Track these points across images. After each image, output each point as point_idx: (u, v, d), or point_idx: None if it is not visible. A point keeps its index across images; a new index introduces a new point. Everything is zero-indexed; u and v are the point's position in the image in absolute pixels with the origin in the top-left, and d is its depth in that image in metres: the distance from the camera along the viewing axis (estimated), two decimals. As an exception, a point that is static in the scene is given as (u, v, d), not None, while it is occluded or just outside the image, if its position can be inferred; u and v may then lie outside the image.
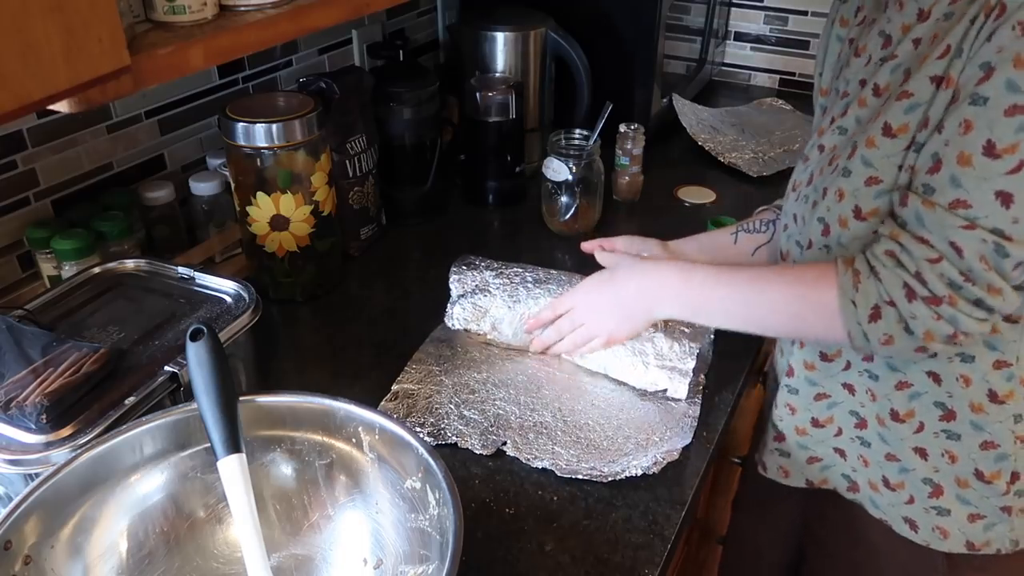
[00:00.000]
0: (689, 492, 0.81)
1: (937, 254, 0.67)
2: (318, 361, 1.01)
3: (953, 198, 0.65)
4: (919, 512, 0.83)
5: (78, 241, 0.94)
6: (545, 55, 1.37)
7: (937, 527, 0.83)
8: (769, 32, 1.82)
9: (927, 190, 0.68)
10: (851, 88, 0.79)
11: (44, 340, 0.75)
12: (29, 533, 0.60)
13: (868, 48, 0.77)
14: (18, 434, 0.69)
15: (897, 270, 0.69)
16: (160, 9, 0.67)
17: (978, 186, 0.64)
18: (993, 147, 0.63)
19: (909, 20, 0.72)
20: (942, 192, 0.66)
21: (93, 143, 1.03)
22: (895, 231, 0.70)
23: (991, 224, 0.64)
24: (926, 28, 0.70)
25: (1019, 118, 0.61)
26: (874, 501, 0.87)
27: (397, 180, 1.28)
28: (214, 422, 0.63)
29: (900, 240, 0.69)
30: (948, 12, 0.68)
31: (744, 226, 1.01)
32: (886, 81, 0.73)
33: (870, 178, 0.73)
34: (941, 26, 0.68)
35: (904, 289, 0.69)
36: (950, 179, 0.65)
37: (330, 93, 1.08)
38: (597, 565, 0.73)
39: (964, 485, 0.80)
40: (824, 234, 0.79)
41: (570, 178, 1.22)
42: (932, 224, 0.67)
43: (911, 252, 0.69)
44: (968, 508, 0.81)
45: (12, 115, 0.50)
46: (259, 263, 1.07)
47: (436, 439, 0.86)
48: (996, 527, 0.81)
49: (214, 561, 0.70)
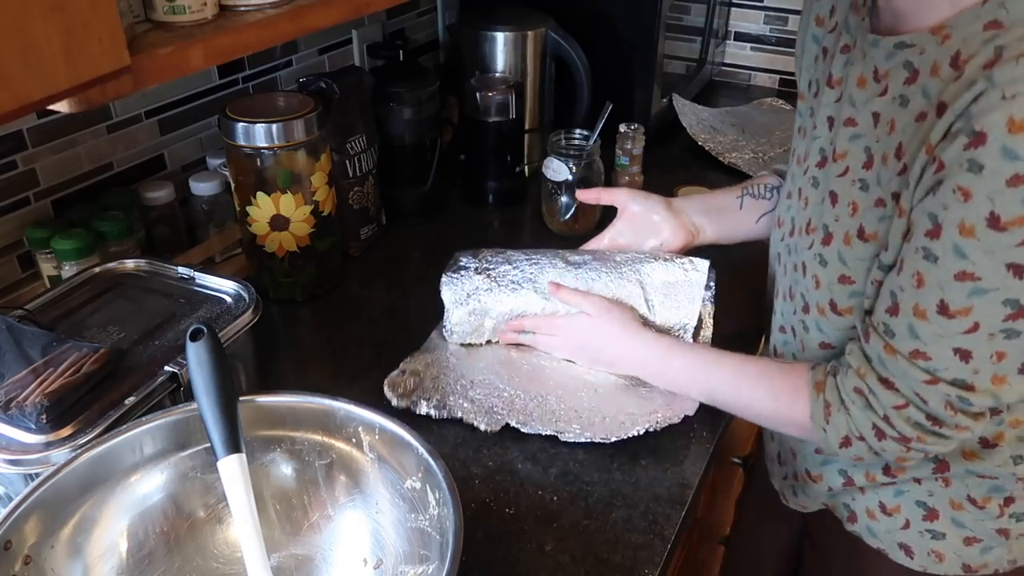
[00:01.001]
0: (689, 492, 0.81)
1: (904, 400, 0.67)
2: (318, 361, 1.01)
3: (913, 348, 0.65)
4: (914, 537, 0.82)
5: (78, 241, 0.94)
6: (545, 55, 1.37)
7: (932, 551, 0.81)
8: (769, 32, 1.82)
9: (887, 331, 0.67)
10: (819, 120, 0.78)
11: (44, 340, 0.75)
12: (29, 533, 0.60)
13: (842, 84, 0.74)
14: (18, 434, 0.69)
15: (867, 411, 0.69)
16: (160, 9, 0.67)
17: (936, 341, 0.63)
18: (946, 308, 0.61)
19: (866, 74, 0.70)
20: (902, 339, 0.65)
21: (93, 143, 1.03)
22: (862, 368, 0.70)
23: (951, 376, 0.64)
24: (884, 106, 0.68)
25: (969, 284, 0.60)
26: (871, 530, 0.85)
27: (397, 180, 1.28)
28: (214, 422, 0.63)
29: (867, 381, 0.69)
30: (902, 95, 0.65)
31: (749, 190, 1.00)
32: (844, 149, 0.72)
33: (843, 276, 0.73)
34: (898, 113, 0.66)
35: (874, 430, 0.70)
36: (908, 328, 0.65)
37: (330, 93, 1.08)
38: (597, 565, 0.73)
39: (958, 508, 0.78)
40: (804, 311, 0.79)
41: (570, 178, 1.21)
42: (896, 372, 0.67)
43: (878, 397, 0.68)
44: (964, 531, 0.79)
45: (12, 115, 0.50)
46: (259, 263, 1.07)
47: (441, 412, 0.88)
48: (994, 550, 0.80)
49: (214, 561, 0.70)
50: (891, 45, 0.66)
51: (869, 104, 0.69)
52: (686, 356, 0.86)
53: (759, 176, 1.03)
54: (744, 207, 0.99)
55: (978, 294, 0.60)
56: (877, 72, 0.68)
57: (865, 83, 0.70)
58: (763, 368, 0.81)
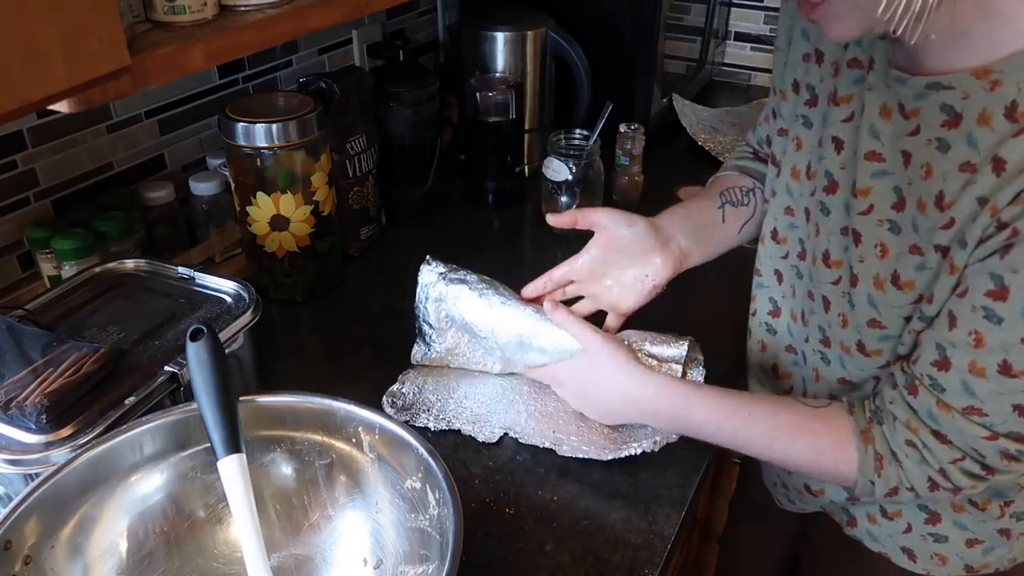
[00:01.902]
0: (689, 492, 0.81)
1: (961, 454, 0.66)
2: (318, 361, 1.01)
3: (967, 405, 0.63)
4: (917, 541, 0.81)
5: (78, 241, 0.94)
6: (545, 55, 1.37)
7: (935, 554, 0.81)
8: (769, 32, 1.82)
9: (936, 386, 0.64)
10: (823, 137, 0.73)
11: (44, 340, 0.75)
12: (29, 533, 0.60)
13: (852, 103, 0.70)
14: (18, 434, 0.69)
15: (922, 466, 0.67)
16: (160, 9, 0.67)
17: (994, 399, 0.61)
18: (1009, 368, 0.60)
19: (891, 105, 0.65)
20: (954, 395, 0.63)
21: (93, 143, 1.03)
22: (912, 422, 0.67)
23: (1007, 429, 0.62)
24: (916, 147, 0.64)
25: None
26: (872, 534, 0.84)
27: (397, 180, 1.28)
28: (214, 422, 0.63)
29: (920, 436, 0.67)
30: (942, 139, 0.61)
31: (728, 196, 0.92)
32: (867, 185, 0.68)
33: (874, 320, 0.70)
34: (935, 157, 0.62)
35: (928, 482, 0.68)
36: (962, 385, 0.62)
37: (330, 93, 1.08)
38: (597, 565, 0.73)
39: (960, 510, 0.78)
40: (824, 344, 0.77)
41: (570, 178, 1.21)
42: (950, 428, 0.65)
43: (934, 452, 0.66)
44: (966, 533, 0.79)
45: (12, 115, 0.50)
46: (259, 263, 1.07)
47: (439, 424, 0.88)
48: (995, 550, 0.79)
49: (214, 561, 0.69)
50: (922, 85, 0.62)
51: (898, 142, 0.65)
52: (708, 404, 0.77)
53: (726, 176, 0.96)
54: (727, 219, 0.92)
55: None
56: (904, 108, 0.64)
57: (891, 115, 0.66)
58: (799, 419, 0.74)
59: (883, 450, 0.69)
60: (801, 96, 0.77)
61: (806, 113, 0.76)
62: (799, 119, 0.77)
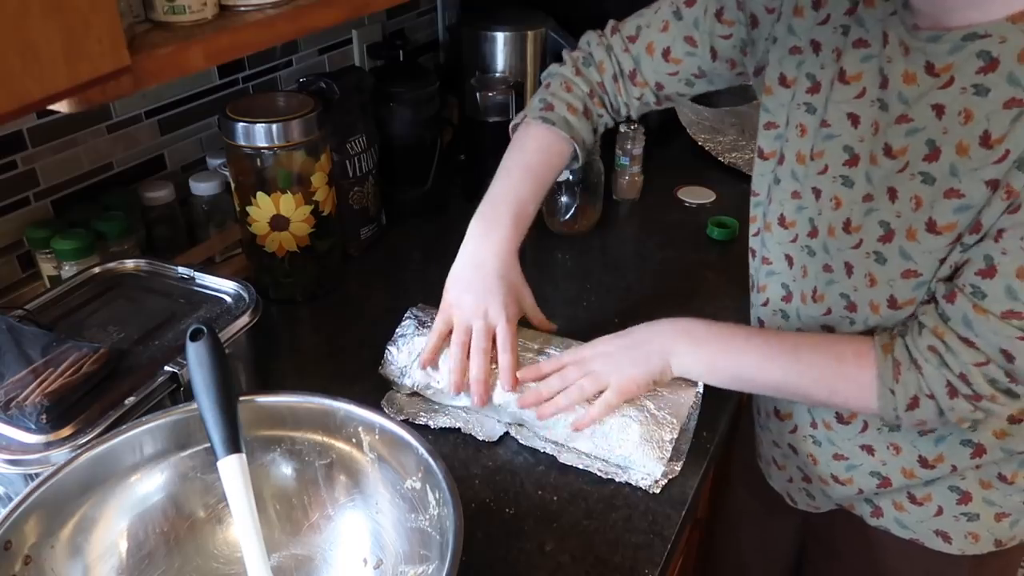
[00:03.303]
0: (689, 492, 0.81)
1: (985, 358, 0.67)
2: (318, 361, 1.01)
3: (1008, 308, 0.64)
4: (950, 522, 0.82)
5: (78, 241, 0.94)
6: (545, 55, 1.37)
7: (969, 533, 0.82)
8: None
9: (977, 293, 0.66)
10: (832, 117, 0.76)
11: (44, 340, 0.75)
12: (29, 533, 0.60)
13: (863, 80, 0.73)
14: (18, 434, 0.69)
15: (941, 369, 0.69)
16: (160, 9, 0.67)
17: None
18: None
19: (914, 69, 0.68)
20: (995, 299, 0.65)
21: (93, 143, 1.03)
22: (940, 328, 0.69)
23: None
24: (950, 98, 0.66)
25: None
26: (901, 521, 0.85)
27: (397, 180, 1.27)
28: (214, 422, 0.63)
29: (945, 339, 0.68)
30: (979, 85, 0.64)
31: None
32: (902, 145, 0.70)
33: (908, 271, 0.72)
34: (974, 102, 0.64)
35: (947, 387, 0.69)
36: (1006, 289, 0.64)
37: (330, 93, 1.08)
38: (597, 565, 0.73)
39: (988, 487, 0.80)
40: (849, 309, 0.78)
41: (570, 178, 1.21)
42: (982, 330, 0.66)
43: (957, 354, 0.68)
44: (994, 508, 0.81)
45: (12, 115, 0.50)
46: (259, 263, 1.07)
47: (439, 423, 0.87)
48: (1021, 522, 0.82)
49: (214, 561, 0.70)
50: (958, 38, 0.64)
51: (925, 98, 0.68)
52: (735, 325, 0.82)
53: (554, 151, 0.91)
54: None
55: None
56: (933, 67, 0.67)
57: (915, 79, 0.68)
58: (823, 336, 0.79)
59: (902, 357, 0.71)
60: (799, 86, 0.79)
61: (809, 100, 0.79)
62: (800, 107, 0.79)
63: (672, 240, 1.25)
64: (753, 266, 0.90)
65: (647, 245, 1.26)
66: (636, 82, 0.94)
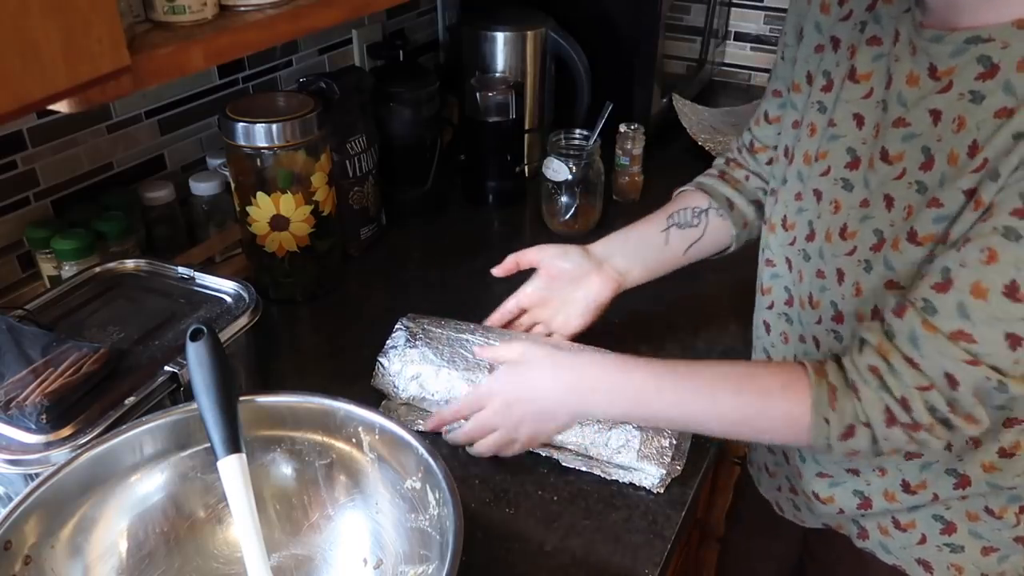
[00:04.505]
0: (689, 492, 0.81)
1: (928, 382, 0.63)
2: (318, 361, 1.01)
3: (957, 328, 0.60)
4: (932, 552, 0.79)
5: (78, 241, 0.94)
6: (545, 55, 1.37)
7: (952, 564, 0.79)
8: (769, 32, 1.82)
9: (929, 308, 0.62)
10: (838, 117, 0.74)
11: (44, 340, 0.75)
12: (29, 533, 0.60)
13: (872, 79, 0.71)
14: (18, 434, 0.69)
15: (880, 392, 0.64)
16: (160, 9, 0.67)
17: (989, 324, 0.59)
18: (1016, 289, 0.58)
19: (918, 71, 0.66)
20: (946, 318, 0.61)
21: (93, 143, 1.03)
22: (884, 345, 0.65)
23: (993, 362, 0.60)
24: (947, 103, 0.64)
25: None
26: (885, 546, 0.83)
27: (397, 180, 1.28)
28: (214, 422, 0.63)
29: (889, 359, 0.64)
30: (976, 92, 0.61)
31: (676, 218, 0.94)
32: (898, 150, 0.68)
33: (890, 281, 0.69)
34: (969, 109, 0.62)
35: (885, 413, 0.65)
36: (957, 306, 0.60)
37: (330, 93, 1.08)
38: (597, 565, 0.73)
39: (975, 519, 0.77)
40: (836, 320, 0.75)
41: (570, 178, 1.21)
42: (928, 350, 0.62)
43: (900, 375, 0.63)
44: (981, 542, 0.78)
45: (12, 115, 0.50)
46: (259, 263, 1.07)
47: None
48: (1010, 558, 0.78)
49: (214, 561, 0.70)
50: (961, 40, 0.62)
51: (924, 102, 0.66)
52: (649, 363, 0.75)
53: (684, 193, 0.98)
54: (671, 241, 0.94)
55: None
56: (936, 70, 0.65)
57: (917, 81, 0.66)
58: (747, 367, 0.74)
59: (837, 381, 0.67)
60: (816, 84, 0.78)
61: (821, 99, 0.77)
62: (814, 105, 0.78)
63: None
64: (759, 268, 0.89)
65: (647, 245, 1.26)
66: (755, 149, 0.94)
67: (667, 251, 0.95)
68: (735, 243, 0.96)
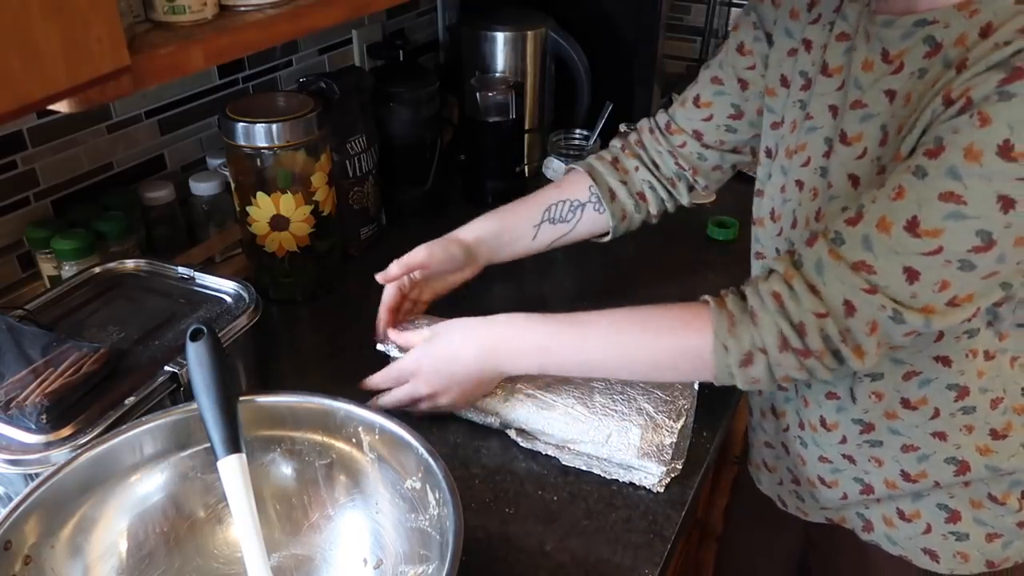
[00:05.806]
0: (689, 492, 0.81)
1: (825, 309, 0.65)
2: (318, 361, 1.01)
3: (859, 259, 0.63)
4: (938, 541, 0.81)
5: (78, 241, 0.94)
6: (545, 55, 1.37)
7: (958, 552, 0.81)
8: (769, 32, 1.82)
9: (837, 239, 0.65)
10: (815, 110, 0.77)
11: (44, 340, 0.75)
12: (29, 533, 0.60)
13: (843, 72, 0.74)
14: (18, 434, 0.69)
15: (777, 316, 0.67)
16: (160, 9, 0.67)
17: (888, 257, 0.62)
18: (916, 225, 0.61)
19: (872, 56, 0.70)
20: (851, 248, 0.64)
21: (93, 143, 1.03)
22: (789, 272, 0.67)
23: (891, 293, 0.63)
24: (900, 82, 0.67)
25: (951, 206, 0.59)
26: (891, 537, 0.84)
27: (397, 180, 1.28)
28: (214, 422, 0.63)
29: (792, 283, 0.66)
30: (922, 68, 0.65)
31: (550, 213, 0.98)
32: (858, 131, 0.71)
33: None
34: (915, 86, 0.65)
35: (779, 338, 0.67)
36: (862, 239, 0.63)
37: (330, 93, 1.08)
38: (597, 565, 0.73)
39: (979, 506, 0.78)
40: None
41: (570, 178, 1.21)
42: (831, 277, 0.65)
43: (800, 300, 0.66)
44: (985, 528, 0.79)
45: (12, 115, 0.50)
46: (259, 263, 1.07)
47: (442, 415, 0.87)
48: (1014, 544, 0.80)
49: (214, 561, 0.70)
50: (909, 23, 0.66)
51: (879, 83, 0.69)
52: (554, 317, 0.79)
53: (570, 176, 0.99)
54: (539, 236, 0.98)
55: (955, 218, 0.59)
56: (888, 53, 0.68)
57: (872, 65, 0.70)
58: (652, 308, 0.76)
59: (736, 310, 0.69)
60: (795, 85, 0.81)
61: (802, 98, 0.80)
62: (796, 104, 0.81)
63: (672, 240, 1.25)
64: (751, 262, 0.91)
65: (647, 245, 1.26)
66: (671, 130, 0.97)
67: (533, 245, 1.00)
68: (613, 234, 0.99)
